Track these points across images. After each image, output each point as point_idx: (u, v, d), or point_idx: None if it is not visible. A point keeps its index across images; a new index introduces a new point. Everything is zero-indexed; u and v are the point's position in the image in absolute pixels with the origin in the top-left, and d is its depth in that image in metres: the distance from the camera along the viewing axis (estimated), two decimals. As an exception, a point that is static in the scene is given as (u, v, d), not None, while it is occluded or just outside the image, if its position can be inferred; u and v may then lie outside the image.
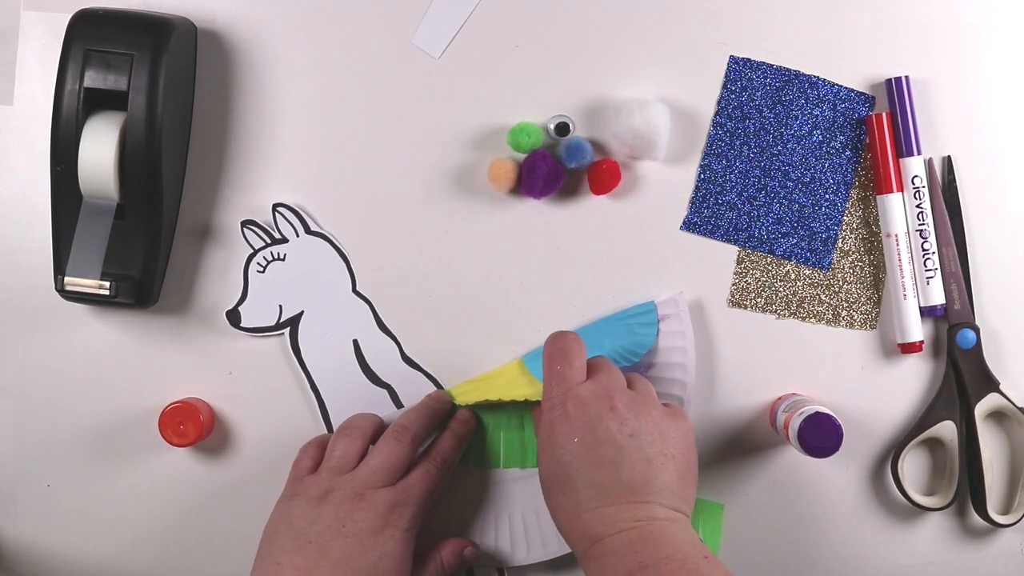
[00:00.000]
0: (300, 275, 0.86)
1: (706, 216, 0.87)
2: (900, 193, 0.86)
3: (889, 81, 0.86)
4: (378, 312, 0.87)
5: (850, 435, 0.86)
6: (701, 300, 0.87)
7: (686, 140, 0.87)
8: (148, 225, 0.83)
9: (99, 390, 0.87)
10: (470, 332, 0.87)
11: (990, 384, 0.85)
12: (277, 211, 0.86)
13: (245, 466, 0.88)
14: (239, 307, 0.86)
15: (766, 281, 0.87)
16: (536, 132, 0.85)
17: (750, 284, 0.87)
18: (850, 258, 0.87)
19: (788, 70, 0.86)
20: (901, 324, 0.85)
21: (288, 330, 0.86)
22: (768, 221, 0.87)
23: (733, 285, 0.87)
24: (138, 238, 0.83)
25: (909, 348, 0.85)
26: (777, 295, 0.87)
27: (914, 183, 0.85)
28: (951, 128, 0.87)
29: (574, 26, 0.86)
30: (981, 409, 0.85)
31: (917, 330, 0.85)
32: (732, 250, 0.87)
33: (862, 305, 0.87)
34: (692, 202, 0.87)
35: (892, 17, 0.86)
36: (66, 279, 0.79)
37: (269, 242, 0.86)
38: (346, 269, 0.86)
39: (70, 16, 0.82)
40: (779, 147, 0.87)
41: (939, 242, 0.86)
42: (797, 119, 0.86)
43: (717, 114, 0.87)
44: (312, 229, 0.86)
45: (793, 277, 0.87)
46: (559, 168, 0.85)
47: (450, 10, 0.86)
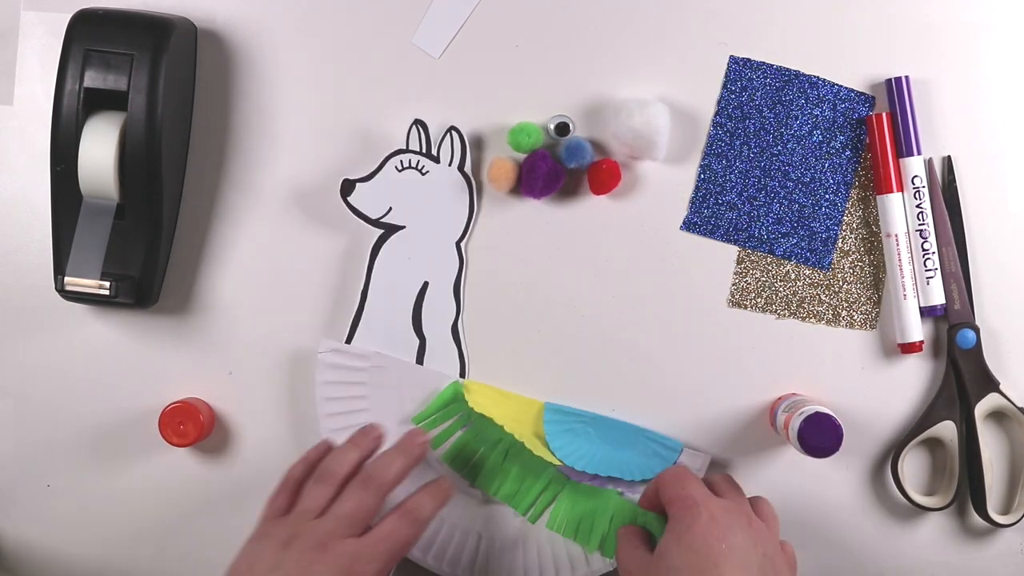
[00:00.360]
0: (426, 197, 0.86)
1: (706, 216, 0.87)
2: (900, 193, 0.86)
3: (889, 81, 0.86)
4: (463, 276, 0.87)
5: (850, 435, 0.86)
6: (701, 300, 0.87)
7: (686, 140, 0.87)
8: (148, 225, 0.83)
9: (99, 390, 0.87)
10: (469, 332, 0.87)
11: (990, 384, 0.85)
12: (451, 132, 0.85)
13: (245, 466, 0.88)
14: (359, 183, 0.85)
15: (766, 281, 0.87)
16: (536, 132, 0.85)
17: (750, 284, 0.87)
18: (850, 258, 0.87)
19: (788, 70, 0.86)
20: (901, 324, 0.86)
21: (379, 234, 0.86)
22: (768, 221, 0.87)
23: (733, 285, 0.87)
24: (138, 238, 0.83)
25: (909, 348, 0.85)
26: (777, 295, 0.87)
27: (914, 183, 0.85)
28: (951, 128, 0.87)
29: (574, 26, 0.86)
30: (981, 409, 0.85)
31: (917, 330, 0.85)
32: (732, 250, 0.87)
33: (862, 305, 0.87)
34: (692, 202, 0.87)
35: (892, 17, 0.86)
36: (66, 279, 0.79)
37: (423, 152, 0.85)
38: (466, 220, 0.86)
39: (70, 16, 0.82)
40: (779, 147, 0.87)
41: (939, 242, 0.86)
42: (797, 119, 0.86)
43: (717, 114, 0.87)
44: (465, 168, 0.86)
45: (793, 277, 0.87)
46: (559, 168, 0.85)
47: (450, 10, 0.86)
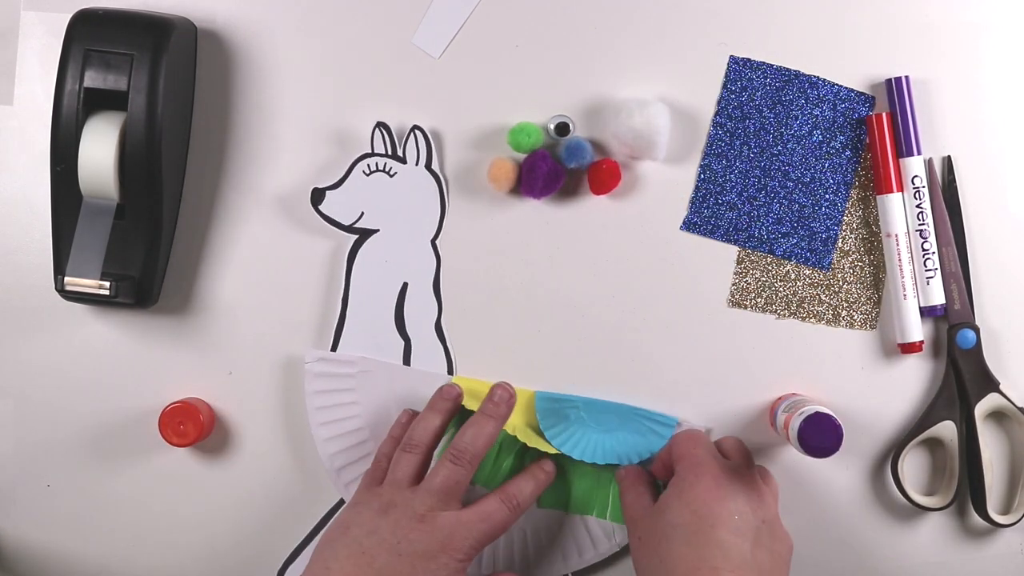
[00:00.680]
0: (396, 198, 0.86)
1: (706, 216, 0.87)
2: (900, 193, 0.86)
3: (889, 81, 0.86)
4: (441, 272, 0.87)
5: (850, 435, 0.86)
6: (701, 300, 0.87)
7: (686, 140, 0.87)
8: (148, 225, 0.83)
9: (99, 390, 0.87)
10: (469, 332, 0.87)
11: (990, 384, 0.85)
12: (414, 132, 0.85)
13: (245, 466, 0.88)
14: (328, 190, 0.85)
15: (766, 281, 0.87)
16: (536, 132, 0.85)
17: (750, 284, 0.87)
18: (850, 258, 0.87)
19: (788, 70, 0.86)
20: (901, 324, 0.85)
21: (354, 239, 0.86)
22: (768, 221, 0.87)
23: (733, 285, 0.87)
24: (138, 238, 0.83)
25: (909, 348, 0.85)
26: (777, 295, 0.87)
27: (914, 183, 0.85)
28: (951, 128, 0.87)
29: (574, 26, 0.86)
30: (981, 409, 0.85)
31: (917, 330, 0.85)
32: (732, 250, 0.87)
33: (862, 305, 0.87)
34: (692, 202, 0.87)
35: (892, 17, 0.86)
36: (66, 279, 0.79)
37: (389, 154, 0.86)
38: (438, 218, 0.86)
39: (70, 16, 0.82)
40: (779, 147, 0.87)
41: (939, 242, 0.86)
42: (797, 119, 0.86)
43: (717, 114, 0.87)
44: (432, 166, 0.86)
45: (793, 277, 0.87)
46: (559, 168, 0.85)
47: (450, 10, 0.86)
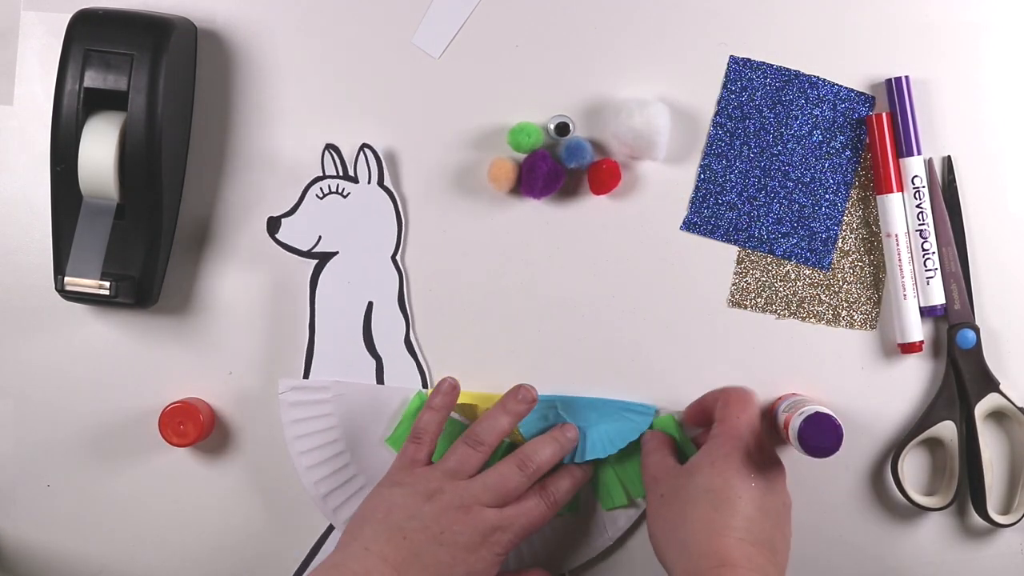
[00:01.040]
0: (353, 218, 0.86)
1: (706, 216, 0.87)
2: (900, 193, 0.86)
3: (889, 81, 0.86)
4: (405, 288, 0.87)
5: (850, 435, 0.86)
6: (701, 300, 0.87)
7: (686, 140, 0.87)
8: (148, 225, 0.83)
9: (99, 390, 0.87)
10: (468, 332, 0.87)
11: (990, 384, 0.85)
12: (364, 151, 0.85)
13: (245, 466, 0.88)
14: (283, 218, 0.86)
15: (766, 281, 0.87)
16: (536, 132, 0.85)
17: (750, 284, 0.87)
18: (850, 258, 0.87)
19: (788, 70, 0.86)
20: (901, 324, 0.85)
21: (315, 264, 0.86)
22: (768, 221, 0.87)
23: (733, 285, 0.87)
24: (138, 238, 0.83)
25: (909, 348, 0.85)
26: (777, 295, 0.87)
27: (914, 183, 0.85)
28: (951, 128, 0.87)
29: (574, 26, 0.86)
30: (981, 409, 0.85)
31: (917, 330, 0.85)
32: (732, 250, 0.87)
33: (862, 305, 0.87)
34: (692, 202, 0.87)
35: (892, 17, 0.86)
36: (66, 279, 0.79)
37: (340, 175, 0.86)
38: (396, 234, 0.86)
39: (70, 16, 0.82)
40: (779, 147, 0.87)
41: (939, 242, 0.86)
42: (797, 119, 0.86)
43: (717, 114, 0.87)
44: (385, 183, 0.86)
45: (793, 277, 0.87)
46: (559, 168, 0.85)
47: (450, 10, 0.86)
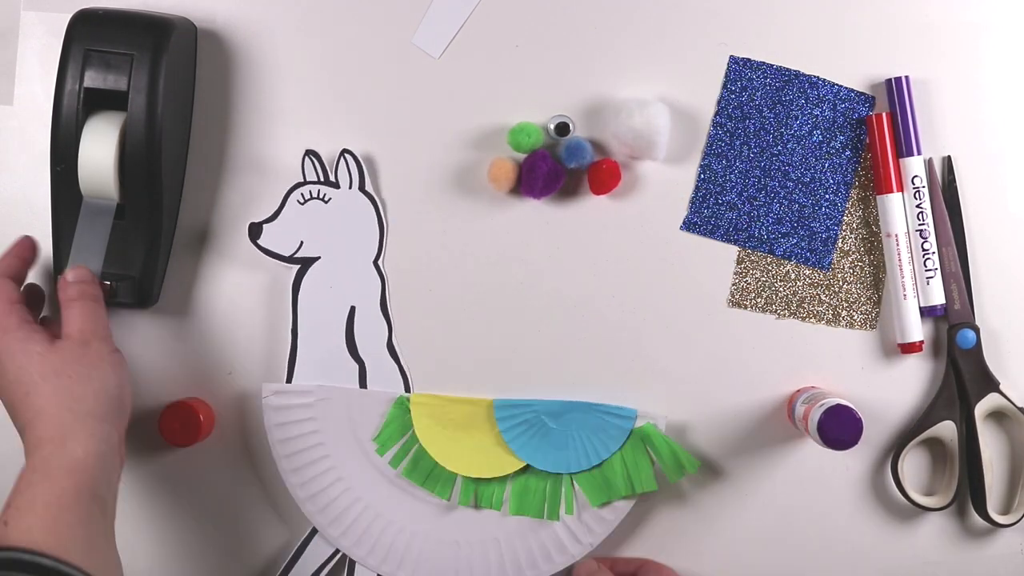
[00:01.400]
0: (334, 224, 0.86)
1: (706, 216, 0.87)
2: (900, 193, 0.86)
3: (889, 81, 0.86)
4: (387, 292, 0.87)
5: (850, 435, 0.86)
6: (701, 300, 0.87)
7: (686, 140, 0.87)
8: (148, 225, 0.83)
9: (99, 390, 0.87)
10: (469, 332, 0.87)
11: (990, 384, 0.85)
12: (344, 156, 0.85)
13: (244, 466, 0.88)
14: (265, 224, 0.86)
15: (766, 281, 0.87)
16: (536, 132, 0.85)
17: (750, 284, 0.87)
18: (850, 258, 0.87)
19: (788, 70, 0.86)
20: (901, 324, 0.85)
21: (297, 268, 0.86)
22: (768, 221, 0.87)
23: (733, 285, 0.87)
24: (138, 238, 0.83)
25: (909, 348, 0.85)
26: (777, 295, 0.87)
27: (914, 183, 0.85)
28: (951, 128, 0.87)
29: (574, 26, 0.86)
30: (981, 409, 0.85)
31: (917, 330, 0.85)
32: (732, 250, 0.87)
33: (862, 305, 0.87)
34: (692, 202, 0.87)
35: (892, 17, 0.86)
36: (66, 279, 0.79)
37: (322, 180, 0.85)
38: (378, 239, 0.86)
39: (70, 16, 0.82)
40: (779, 147, 0.87)
41: (939, 242, 0.86)
42: (797, 119, 0.86)
43: (717, 114, 0.87)
44: (366, 188, 0.86)
45: (793, 277, 0.87)
46: (559, 168, 0.85)
47: (450, 10, 0.86)
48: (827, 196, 0.87)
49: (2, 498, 0.87)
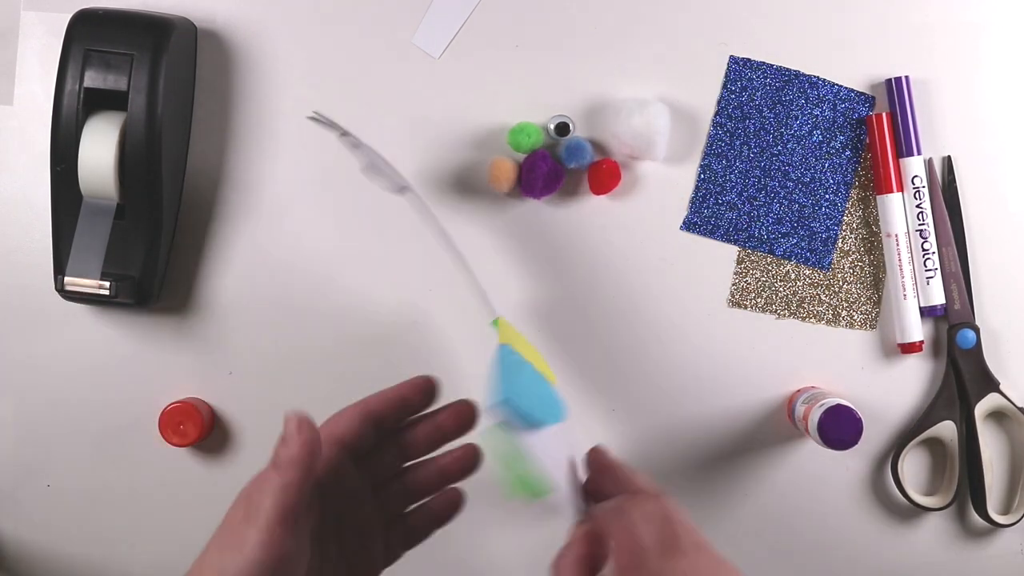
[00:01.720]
0: None
1: (706, 216, 0.87)
2: (900, 193, 0.86)
3: (889, 81, 0.86)
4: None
5: (850, 435, 0.86)
6: (701, 300, 0.87)
7: (686, 140, 0.87)
8: (148, 225, 0.83)
9: (99, 390, 0.87)
10: (468, 331, 0.87)
11: (990, 384, 0.85)
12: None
13: (245, 466, 0.88)
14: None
15: (766, 281, 0.87)
16: (536, 132, 0.85)
17: (750, 284, 0.87)
18: (850, 258, 0.87)
19: (788, 70, 0.86)
20: (901, 324, 0.86)
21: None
22: (768, 221, 0.87)
23: (733, 285, 0.87)
24: (138, 238, 0.83)
25: (909, 348, 0.85)
26: (777, 295, 0.87)
27: (914, 183, 0.85)
28: (951, 128, 0.87)
29: (574, 26, 0.86)
30: (981, 409, 0.85)
31: (917, 330, 0.85)
32: (732, 250, 0.87)
33: (862, 305, 0.87)
34: (692, 202, 0.87)
35: (892, 17, 0.86)
36: (66, 279, 0.79)
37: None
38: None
39: (70, 16, 0.82)
40: (779, 147, 0.87)
41: (939, 242, 0.86)
42: (797, 119, 0.86)
43: (717, 114, 0.87)
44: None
45: (793, 277, 0.87)
46: (559, 168, 0.85)
47: (450, 10, 0.86)
48: (827, 196, 0.87)
49: (5, 496, 0.87)
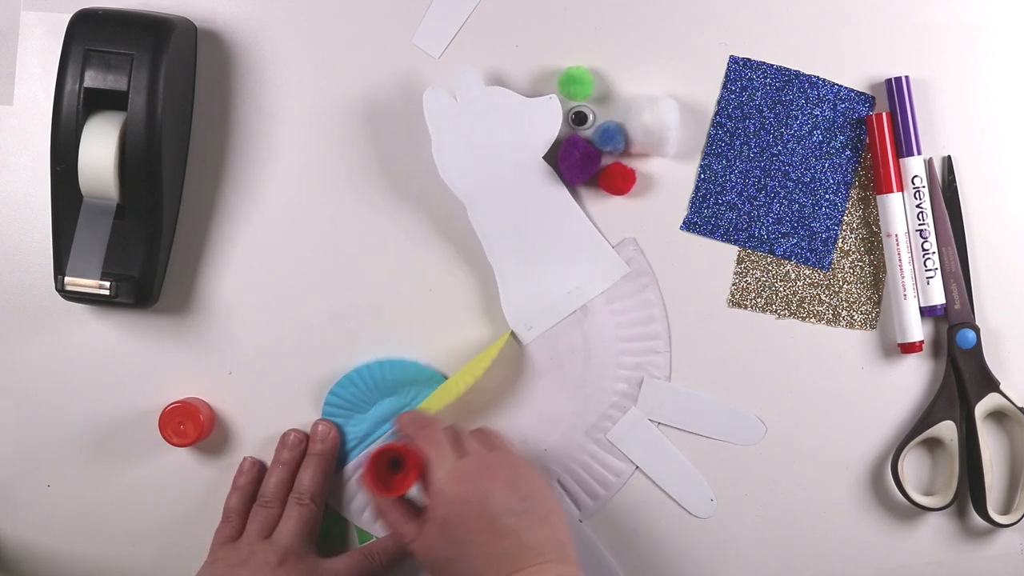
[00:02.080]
0: None
1: (706, 216, 0.87)
2: (900, 193, 0.86)
3: (889, 81, 0.86)
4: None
5: (850, 435, 0.86)
6: (701, 300, 0.87)
7: (686, 140, 0.87)
8: (148, 225, 0.83)
9: (99, 390, 0.87)
10: (469, 332, 0.87)
11: (990, 384, 0.85)
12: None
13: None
14: None
15: (766, 281, 0.87)
16: (588, 82, 0.84)
17: (750, 284, 0.87)
18: (850, 258, 0.87)
19: (788, 70, 0.86)
20: (901, 324, 0.86)
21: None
22: (768, 221, 0.87)
23: (733, 285, 0.87)
24: (138, 238, 0.83)
25: (909, 348, 0.85)
26: (777, 295, 0.87)
27: (914, 183, 0.85)
28: (951, 128, 0.87)
29: (574, 26, 0.86)
30: (981, 409, 0.85)
31: (917, 330, 0.85)
32: (732, 250, 0.87)
33: (862, 305, 0.87)
34: (692, 202, 0.87)
35: (892, 17, 0.86)
36: (66, 279, 0.79)
37: None
38: None
39: (70, 16, 0.82)
40: (779, 147, 0.87)
41: (939, 242, 0.86)
42: (797, 119, 0.86)
43: (717, 114, 0.87)
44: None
45: (793, 277, 0.87)
46: (593, 151, 0.84)
47: (450, 10, 0.86)
48: (827, 196, 0.87)
49: (5, 496, 0.87)
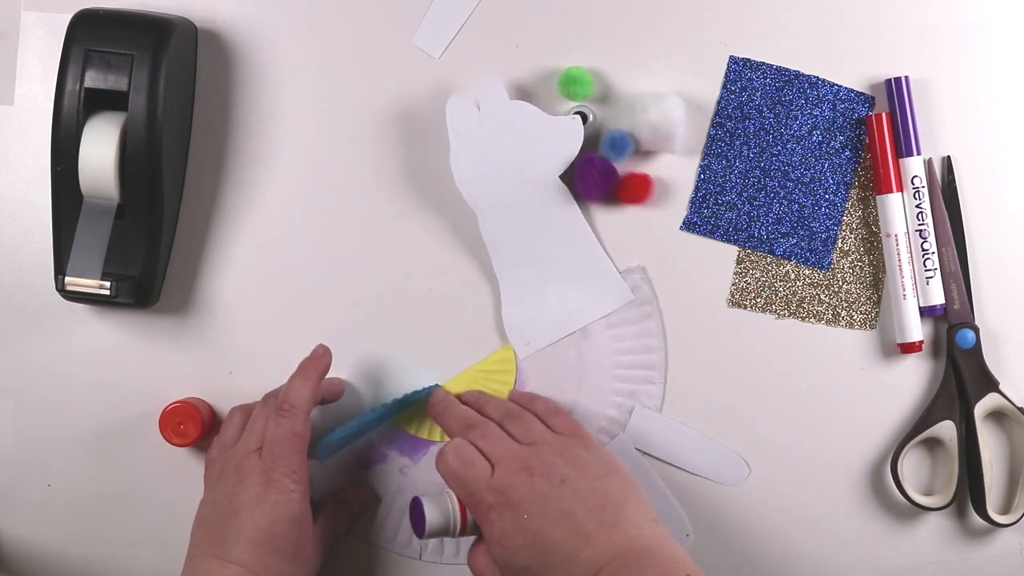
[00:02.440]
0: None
1: (706, 216, 0.87)
2: (900, 193, 0.86)
3: (889, 81, 0.86)
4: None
5: (850, 435, 0.86)
6: (701, 300, 0.87)
7: (687, 140, 0.86)
8: (148, 225, 0.83)
9: (99, 390, 0.87)
10: (469, 332, 0.87)
11: (990, 384, 0.85)
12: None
13: (245, 466, 0.88)
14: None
15: (766, 281, 0.87)
16: (588, 82, 0.84)
17: (750, 284, 0.87)
18: (850, 258, 0.87)
19: (788, 70, 0.86)
20: (901, 324, 0.86)
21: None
22: (768, 221, 0.87)
23: (733, 285, 0.87)
24: (138, 238, 0.83)
25: (909, 348, 0.85)
26: (777, 295, 0.87)
27: (914, 183, 0.85)
28: (951, 128, 0.87)
29: (574, 26, 0.86)
30: (981, 409, 0.85)
31: (917, 330, 0.85)
32: (732, 250, 0.87)
33: (862, 305, 0.87)
34: (692, 202, 0.87)
35: (892, 17, 0.86)
36: (66, 279, 0.79)
37: None
38: None
39: (70, 16, 0.82)
40: (779, 147, 0.87)
41: (939, 242, 0.86)
42: (797, 119, 0.86)
43: (717, 114, 0.87)
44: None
45: (793, 277, 0.87)
46: (610, 166, 0.84)
47: (450, 10, 0.86)
48: (827, 196, 0.87)
49: (5, 496, 0.87)
